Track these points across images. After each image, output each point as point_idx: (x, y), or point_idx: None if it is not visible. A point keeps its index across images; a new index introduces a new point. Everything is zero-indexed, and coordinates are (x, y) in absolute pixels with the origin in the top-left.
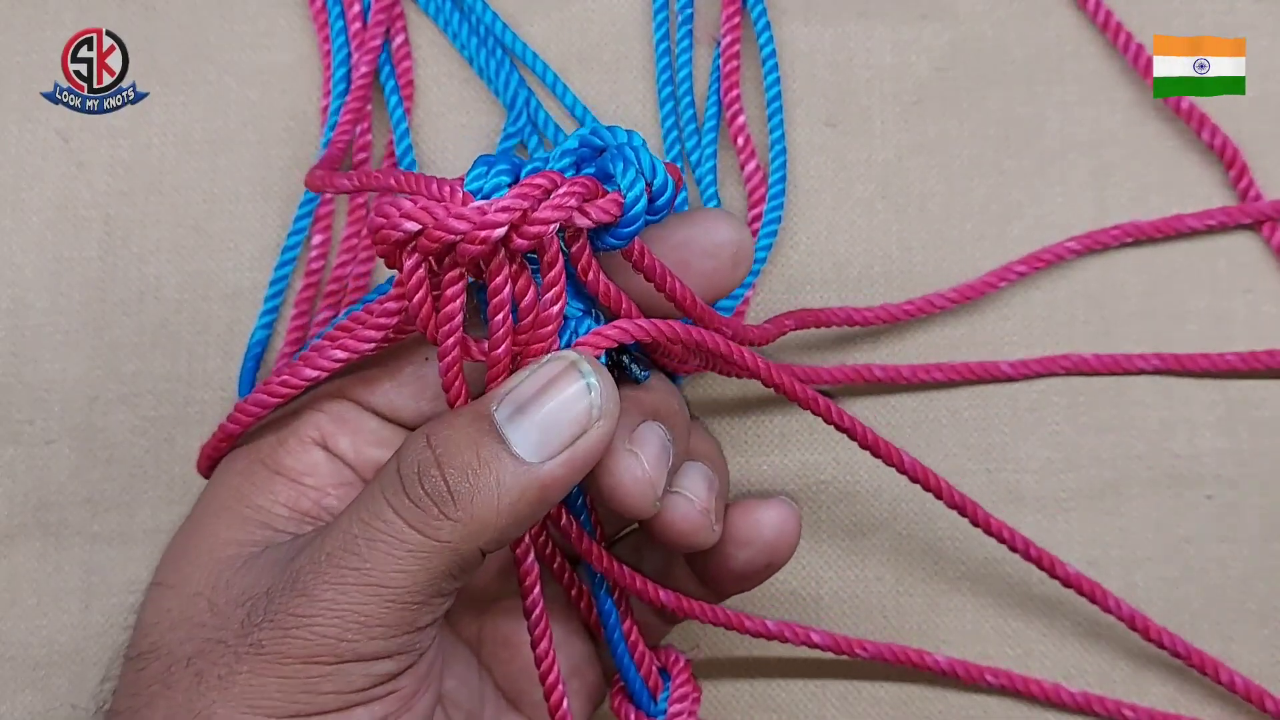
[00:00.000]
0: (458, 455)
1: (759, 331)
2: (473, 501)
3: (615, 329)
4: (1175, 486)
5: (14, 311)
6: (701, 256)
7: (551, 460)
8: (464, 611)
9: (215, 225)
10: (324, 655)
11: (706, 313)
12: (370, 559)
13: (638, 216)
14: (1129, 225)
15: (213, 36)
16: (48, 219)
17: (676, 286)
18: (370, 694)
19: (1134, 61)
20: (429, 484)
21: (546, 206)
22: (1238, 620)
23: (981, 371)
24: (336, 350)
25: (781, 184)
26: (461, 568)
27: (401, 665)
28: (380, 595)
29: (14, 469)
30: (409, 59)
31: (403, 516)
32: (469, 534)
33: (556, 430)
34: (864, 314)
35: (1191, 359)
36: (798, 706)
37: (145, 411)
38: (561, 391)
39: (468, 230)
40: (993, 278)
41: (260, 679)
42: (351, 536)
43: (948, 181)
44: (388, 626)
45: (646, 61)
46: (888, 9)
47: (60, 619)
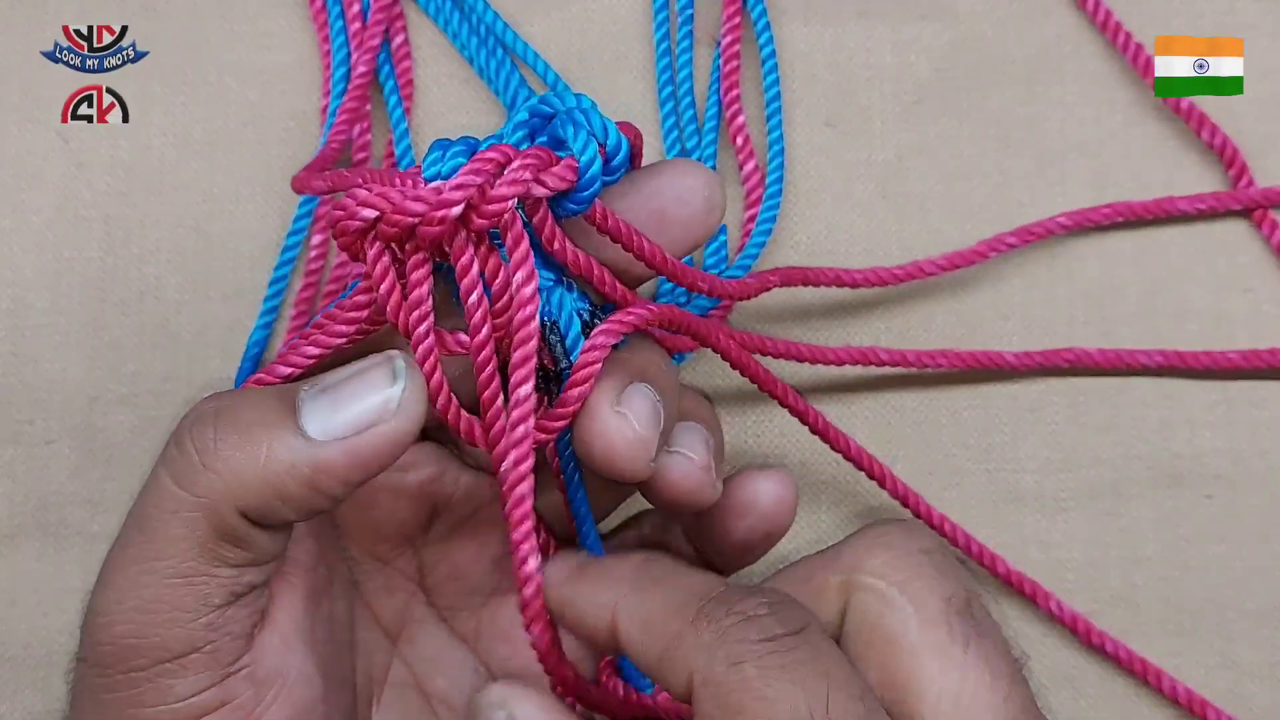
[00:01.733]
0: (240, 415)
1: (739, 285)
2: (235, 456)
3: (633, 315)
4: (1175, 486)
5: (14, 311)
6: (674, 205)
7: (334, 442)
8: (461, 607)
9: (215, 225)
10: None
11: (679, 268)
12: (141, 525)
13: (594, 179)
14: (1120, 205)
15: (213, 36)
16: (48, 219)
17: (644, 245)
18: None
19: (1134, 61)
20: (197, 432)
21: (502, 182)
22: (1238, 620)
23: (986, 360)
24: (309, 347)
25: (779, 184)
26: (230, 534)
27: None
28: (156, 570)
29: (14, 469)
30: (409, 59)
31: (167, 469)
32: (225, 490)
33: (347, 414)
34: (853, 275)
35: (1194, 356)
36: None
37: (145, 411)
38: (365, 380)
39: (424, 211)
40: (983, 247)
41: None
42: (130, 514)
43: (948, 181)
44: (177, 610)
45: (646, 61)
46: (888, 9)
47: (60, 619)
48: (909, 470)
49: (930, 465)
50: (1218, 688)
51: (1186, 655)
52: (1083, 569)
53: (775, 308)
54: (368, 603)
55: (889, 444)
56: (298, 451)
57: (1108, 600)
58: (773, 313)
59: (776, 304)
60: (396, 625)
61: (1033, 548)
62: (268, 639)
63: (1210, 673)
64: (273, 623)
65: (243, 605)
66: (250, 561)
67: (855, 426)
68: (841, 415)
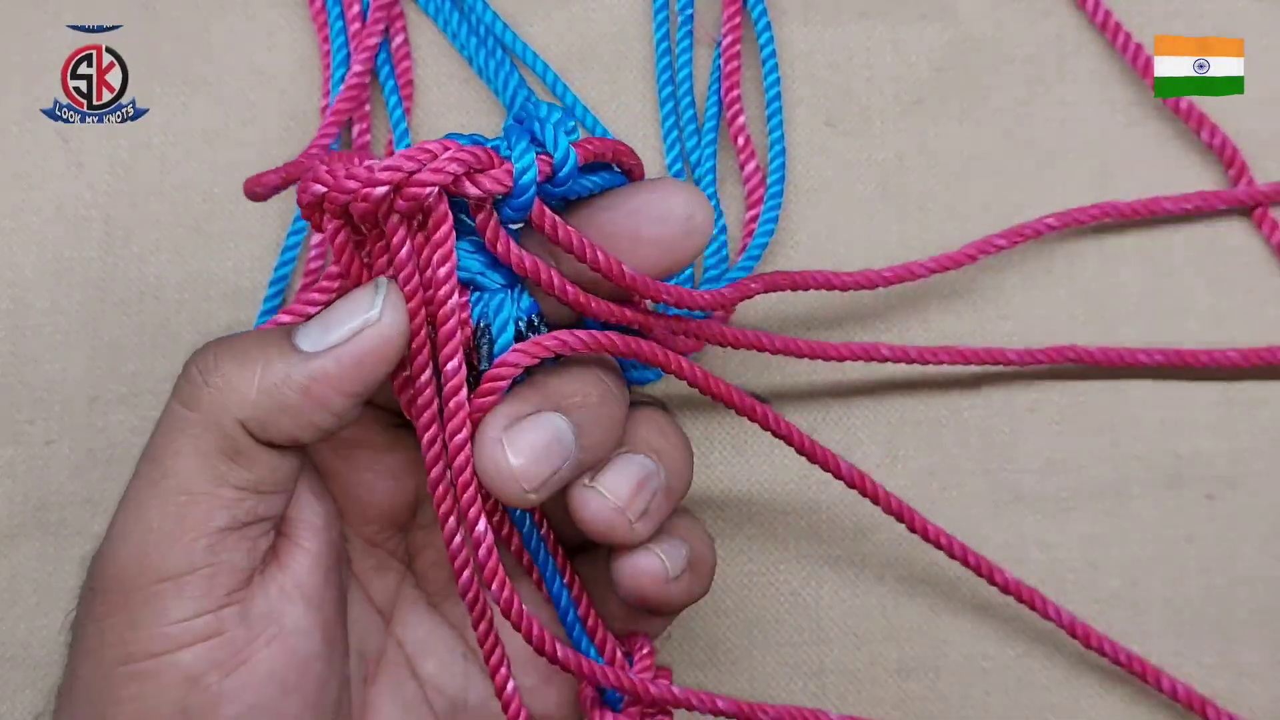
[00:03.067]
0: (238, 342)
1: (711, 297)
2: (233, 370)
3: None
4: (1175, 486)
5: (14, 311)
6: (650, 224)
7: (325, 351)
8: (449, 593)
9: (215, 225)
10: (134, 580)
11: (641, 282)
12: (151, 453)
13: (527, 187)
14: (1108, 205)
15: (213, 36)
16: (48, 219)
17: (599, 257)
18: (192, 629)
19: (1134, 61)
20: (200, 359)
21: (427, 170)
22: (1238, 620)
23: (987, 357)
24: (284, 316)
25: (780, 184)
26: (232, 448)
27: (215, 592)
28: (164, 489)
29: (14, 469)
30: (409, 59)
31: (175, 398)
32: (225, 403)
33: (336, 327)
34: (843, 278)
35: (1193, 354)
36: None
37: (145, 411)
38: (351, 300)
39: (357, 188)
40: (972, 249)
41: (97, 624)
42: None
43: (948, 181)
44: (180, 529)
45: (646, 61)
46: (888, 9)
47: (60, 619)
48: (909, 470)
49: (931, 466)
50: (1218, 688)
51: (1186, 655)
52: (1083, 569)
53: (775, 310)
54: (361, 582)
55: (890, 444)
56: (293, 363)
57: (1108, 600)
58: (773, 315)
59: (777, 307)
60: (389, 607)
61: (1033, 548)
62: (269, 582)
63: (1210, 673)
64: (276, 569)
65: (244, 536)
66: (252, 485)
67: (856, 427)
68: (842, 416)
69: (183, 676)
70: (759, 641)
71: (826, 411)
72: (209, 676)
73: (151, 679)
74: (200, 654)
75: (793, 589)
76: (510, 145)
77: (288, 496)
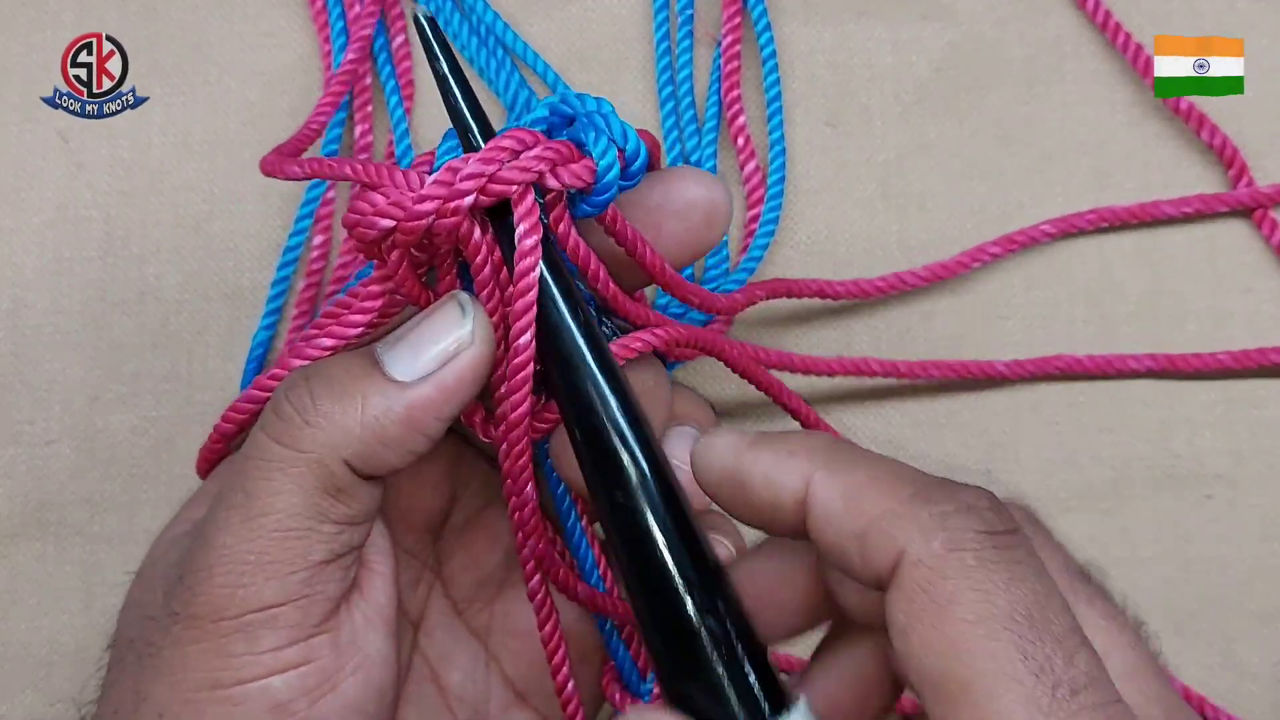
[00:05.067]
0: (330, 375)
1: (728, 300)
2: (334, 408)
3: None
4: (1175, 486)
5: (14, 311)
6: (673, 218)
7: (421, 380)
8: (473, 600)
9: (215, 225)
10: (226, 609)
11: (676, 281)
12: (246, 487)
13: (612, 183)
14: (1104, 210)
15: (213, 36)
16: (48, 219)
17: (648, 254)
18: (284, 658)
19: (1134, 61)
20: (294, 395)
21: (512, 166)
22: (1238, 620)
23: (978, 370)
24: (324, 339)
25: (780, 184)
26: (335, 486)
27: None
28: (262, 526)
29: (14, 469)
30: (409, 59)
31: (268, 433)
32: (330, 442)
33: (426, 352)
34: (835, 287)
35: (1184, 359)
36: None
37: (145, 411)
38: (437, 320)
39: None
40: (965, 258)
41: (179, 650)
42: (233, 473)
43: (948, 181)
44: (278, 562)
45: (646, 61)
46: (888, 9)
47: (60, 619)
48: None
49: (930, 466)
50: (1218, 688)
51: (1187, 655)
52: None
53: (775, 311)
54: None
55: (890, 444)
56: (391, 395)
57: None
58: (773, 316)
59: (776, 307)
60: (417, 617)
61: None
62: (355, 610)
63: (1210, 673)
64: (359, 596)
65: (338, 567)
66: (350, 519)
67: (856, 426)
68: (842, 415)
69: (272, 703)
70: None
71: (826, 412)
72: (297, 703)
73: (239, 705)
74: (291, 681)
75: None
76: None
77: (373, 524)
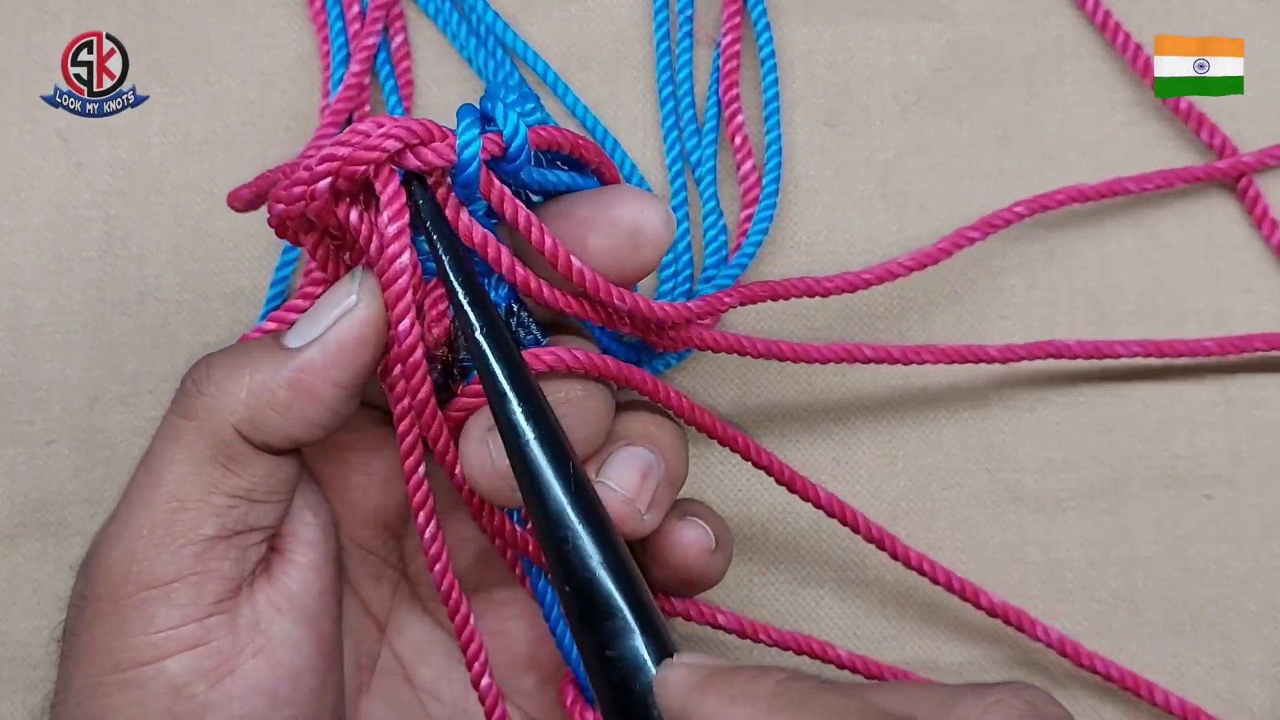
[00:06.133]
0: (228, 351)
1: (678, 310)
2: (225, 377)
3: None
4: (1175, 486)
5: (14, 311)
6: (599, 234)
7: (309, 344)
8: None
9: (215, 225)
10: (123, 586)
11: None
12: (146, 463)
13: (469, 161)
14: (1072, 189)
15: (213, 36)
16: (48, 219)
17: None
18: (178, 637)
19: (1134, 61)
20: (195, 372)
21: (363, 146)
22: (1238, 620)
23: (969, 354)
24: (269, 324)
25: (775, 184)
26: (226, 454)
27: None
28: (155, 499)
29: (14, 469)
30: (409, 59)
31: (172, 409)
32: (219, 408)
33: (318, 320)
34: (823, 284)
35: (1170, 345)
36: None
37: (145, 411)
38: (330, 294)
39: (303, 191)
40: (946, 244)
41: (89, 633)
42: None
43: (947, 181)
44: (170, 535)
45: (646, 61)
46: (888, 9)
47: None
48: (909, 470)
49: (930, 465)
50: (1218, 688)
51: (1186, 655)
52: (1082, 569)
53: (773, 308)
54: (356, 590)
55: (889, 444)
56: (280, 360)
57: (1108, 600)
58: (771, 313)
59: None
60: (384, 614)
61: (1032, 548)
62: (258, 594)
63: (1210, 673)
64: (266, 582)
65: (233, 545)
66: (245, 492)
67: (856, 427)
68: (842, 415)
69: (169, 686)
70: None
71: (827, 412)
72: (194, 686)
73: (139, 688)
74: (186, 663)
75: (792, 590)
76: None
77: (282, 507)
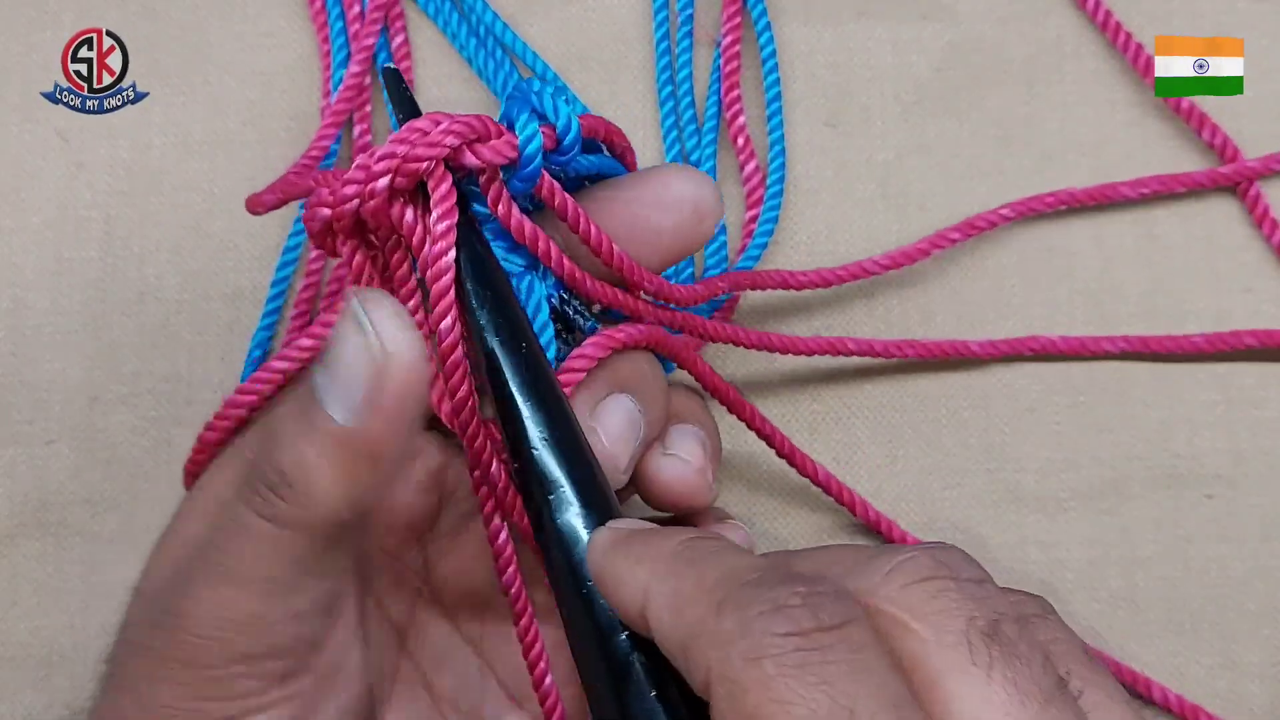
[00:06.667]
0: (286, 429)
1: (687, 291)
2: (304, 481)
3: (623, 333)
4: (1175, 486)
5: (14, 311)
6: (658, 210)
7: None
8: (464, 608)
9: (215, 225)
10: (206, 660)
11: (627, 265)
12: (232, 553)
13: (533, 156)
14: (1063, 193)
15: (213, 36)
16: (48, 219)
17: (591, 231)
18: (266, 699)
19: (1134, 61)
20: (269, 468)
21: (423, 143)
22: (1238, 620)
23: (950, 350)
24: (304, 339)
25: (780, 184)
26: (324, 544)
27: (294, 664)
28: (248, 590)
29: (14, 469)
30: (409, 59)
31: (252, 508)
32: (311, 515)
33: (351, 382)
34: (799, 278)
35: (1158, 341)
36: None
37: (145, 411)
38: (343, 338)
39: (359, 189)
40: (925, 244)
41: (153, 685)
42: (218, 531)
43: (947, 181)
44: (265, 621)
45: (646, 61)
46: (888, 9)
47: (60, 619)
48: (909, 470)
49: (930, 465)
50: (1218, 688)
51: (1186, 655)
52: (1083, 569)
53: (768, 305)
54: (378, 598)
55: (889, 443)
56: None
57: (1108, 600)
58: (766, 309)
59: (770, 301)
60: (404, 623)
61: (1033, 547)
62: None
63: (1210, 673)
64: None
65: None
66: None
67: (856, 427)
68: (842, 414)
69: None
70: None
71: (826, 408)
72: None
73: None
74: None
75: None
76: (513, 116)
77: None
